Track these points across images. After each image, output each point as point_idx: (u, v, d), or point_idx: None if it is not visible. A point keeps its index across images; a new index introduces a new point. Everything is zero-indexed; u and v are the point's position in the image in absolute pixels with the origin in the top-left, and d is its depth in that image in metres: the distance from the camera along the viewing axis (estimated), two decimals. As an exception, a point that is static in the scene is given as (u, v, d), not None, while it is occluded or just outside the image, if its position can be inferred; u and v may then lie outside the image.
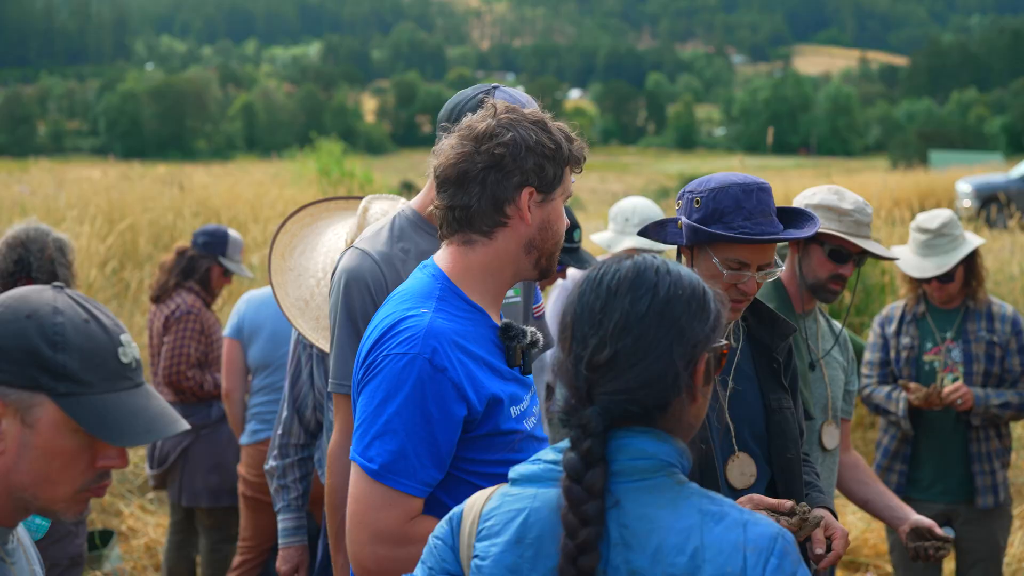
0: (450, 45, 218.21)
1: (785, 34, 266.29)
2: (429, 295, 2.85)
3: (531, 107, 3.25)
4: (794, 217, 3.50)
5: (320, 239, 4.69)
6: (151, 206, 15.22)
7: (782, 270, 3.46)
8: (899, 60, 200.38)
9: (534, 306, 3.81)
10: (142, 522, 7.99)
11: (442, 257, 2.95)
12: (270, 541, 6.19)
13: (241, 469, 6.26)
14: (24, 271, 5.35)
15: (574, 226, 5.41)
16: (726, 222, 3.31)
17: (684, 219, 3.39)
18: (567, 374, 2.21)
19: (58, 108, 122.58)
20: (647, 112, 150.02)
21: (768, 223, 3.32)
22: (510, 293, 3.73)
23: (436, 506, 2.80)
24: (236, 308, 6.32)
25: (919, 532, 4.21)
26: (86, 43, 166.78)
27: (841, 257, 4.38)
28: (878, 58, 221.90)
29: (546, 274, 2.99)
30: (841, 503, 7.98)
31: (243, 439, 6.30)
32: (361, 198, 4.15)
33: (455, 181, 2.87)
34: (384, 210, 3.86)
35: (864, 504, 4.57)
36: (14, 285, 5.15)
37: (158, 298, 6.92)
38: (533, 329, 2.98)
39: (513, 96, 3.42)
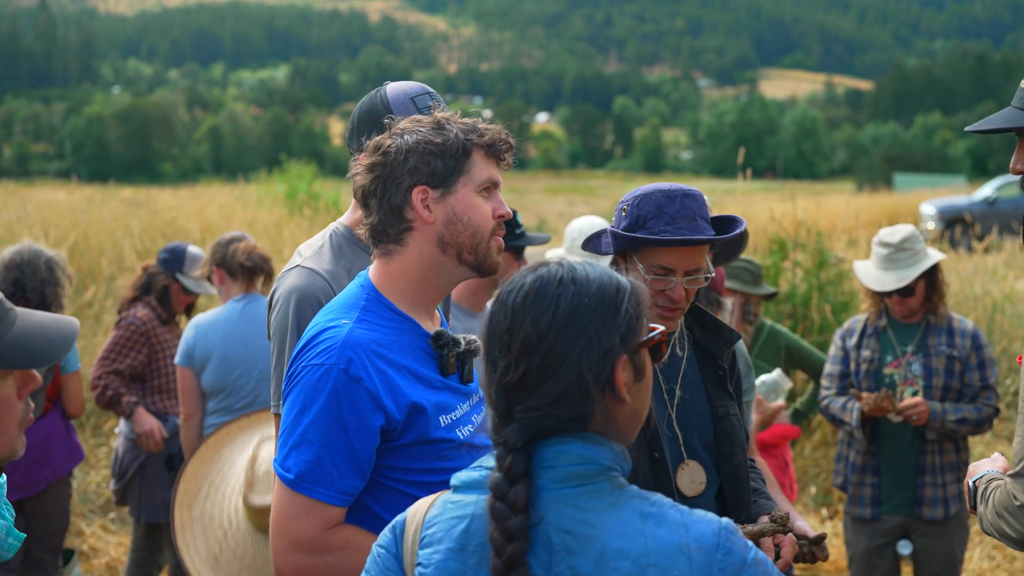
0: (417, 69, 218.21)
1: (751, 58, 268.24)
2: (354, 305, 2.87)
3: (422, 91, 3.40)
4: (728, 225, 3.49)
5: (225, 474, 4.71)
6: (114, 227, 15.18)
7: (712, 276, 3.43)
8: (864, 84, 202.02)
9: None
10: (103, 541, 7.93)
11: (372, 268, 2.98)
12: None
13: (201, 486, 6.22)
14: (20, 292, 6.03)
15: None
16: (648, 227, 3.31)
17: (610, 228, 3.42)
18: (487, 393, 2.20)
19: (23, 131, 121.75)
20: (614, 136, 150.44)
21: (692, 228, 3.31)
22: None
23: (366, 514, 2.82)
24: (184, 335, 6.27)
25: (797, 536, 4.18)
26: (52, 66, 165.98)
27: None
28: (843, 82, 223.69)
29: (480, 268, 2.96)
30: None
31: (202, 457, 6.26)
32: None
33: (360, 200, 2.94)
34: None
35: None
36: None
37: (120, 311, 6.92)
38: (472, 337, 2.99)
39: (402, 91, 3.48)
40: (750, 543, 2.14)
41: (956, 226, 25.99)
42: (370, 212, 2.91)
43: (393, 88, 3.53)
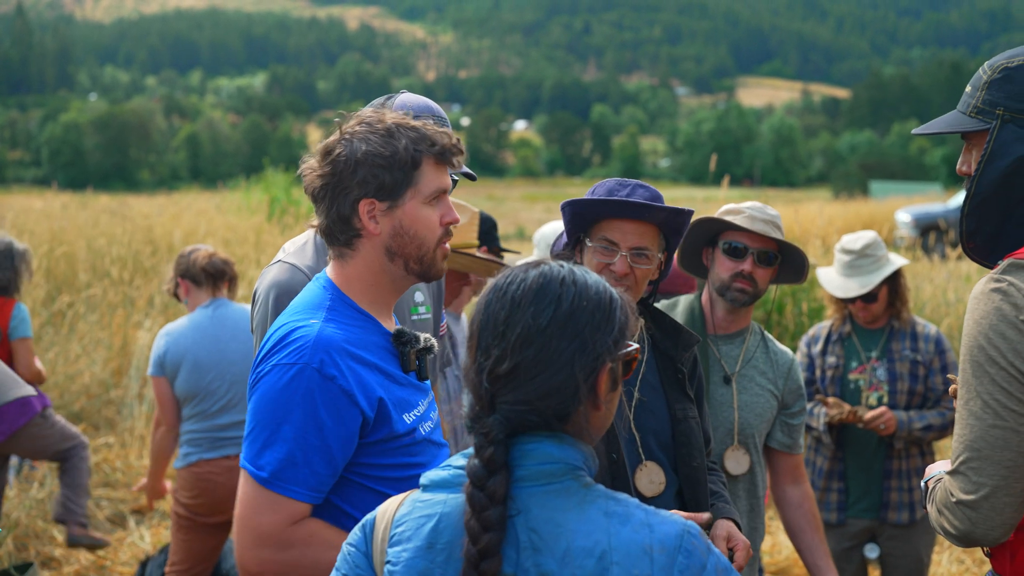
0: (396, 76, 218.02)
1: (729, 66, 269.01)
2: (320, 305, 2.90)
3: (428, 111, 3.39)
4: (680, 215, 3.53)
5: None
6: (92, 234, 15.15)
7: (660, 258, 3.49)
8: (841, 92, 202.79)
9: (440, 325, 3.94)
10: (75, 549, 7.90)
11: (330, 268, 3.01)
12: (201, 565, 6.18)
13: (175, 492, 6.25)
14: None
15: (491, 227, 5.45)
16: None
17: (563, 203, 3.50)
18: (472, 382, 2.21)
19: (0, 138, 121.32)
20: (592, 143, 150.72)
21: (638, 209, 3.38)
22: (421, 310, 3.79)
23: (333, 511, 2.85)
24: (155, 345, 6.32)
25: None
26: (29, 73, 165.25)
27: (738, 253, 4.32)
28: (820, 90, 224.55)
29: (426, 277, 3.00)
30: (777, 524, 8.05)
31: (176, 463, 6.29)
32: None
33: (312, 200, 2.96)
34: None
35: (798, 552, 4.53)
36: None
37: None
38: (427, 336, 3.03)
39: (407, 105, 3.53)
40: (714, 548, 2.16)
41: (931, 233, 26.13)
42: (319, 214, 2.94)
43: (402, 100, 3.58)
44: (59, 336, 11.12)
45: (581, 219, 3.45)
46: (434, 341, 3.04)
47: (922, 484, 3.03)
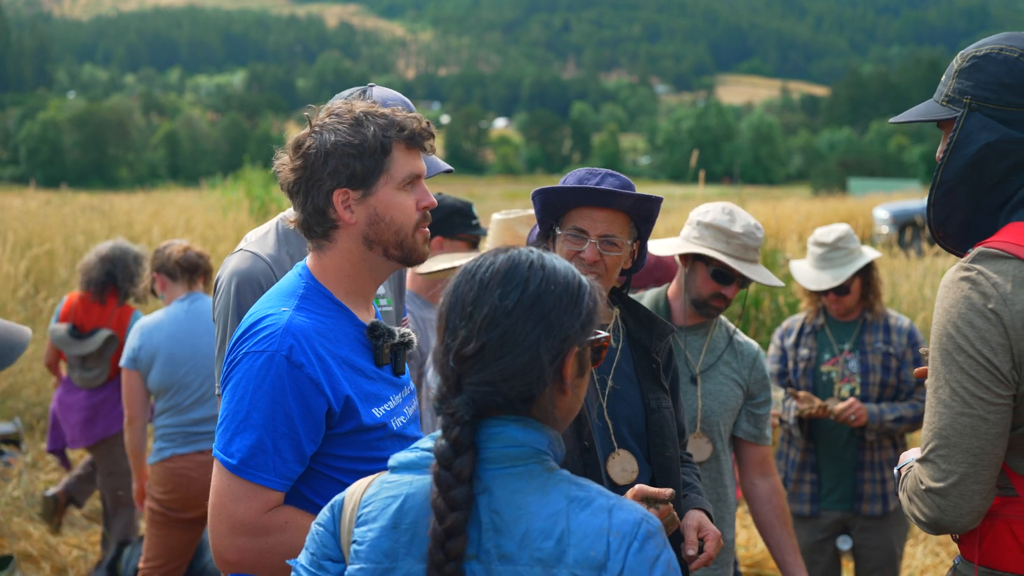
0: (375, 74, 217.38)
1: (708, 64, 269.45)
2: (292, 293, 2.91)
3: (402, 106, 3.37)
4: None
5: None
6: (70, 232, 15.13)
7: (630, 246, 3.49)
8: (820, 90, 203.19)
9: (402, 319, 3.97)
10: (51, 545, 7.89)
11: (309, 258, 3.02)
12: (176, 560, 6.17)
13: (149, 487, 6.24)
14: (111, 281, 7.36)
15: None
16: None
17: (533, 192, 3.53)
18: (439, 362, 2.23)
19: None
20: (572, 141, 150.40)
21: (604, 196, 3.40)
22: (382, 302, 3.82)
23: (300, 501, 2.87)
24: (129, 338, 6.35)
25: None
26: (6, 71, 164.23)
27: (724, 278, 4.44)
28: (800, 88, 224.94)
29: (408, 261, 3.01)
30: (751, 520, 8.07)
31: (150, 459, 6.29)
32: None
33: (288, 195, 2.98)
34: None
35: (767, 546, 4.62)
36: (102, 293, 7.38)
37: None
38: (406, 330, 3.05)
39: (381, 98, 3.53)
40: (668, 546, 2.17)
41: (908, 229, 26.20)
42: (296, 207, 2.96)
43: (375, 94, 3.60)
44: (38, 333, 11.09)
45: (552, 208, 3.47)
46: (412, 336, 3.05)
47: (895, 471, 3.05)
